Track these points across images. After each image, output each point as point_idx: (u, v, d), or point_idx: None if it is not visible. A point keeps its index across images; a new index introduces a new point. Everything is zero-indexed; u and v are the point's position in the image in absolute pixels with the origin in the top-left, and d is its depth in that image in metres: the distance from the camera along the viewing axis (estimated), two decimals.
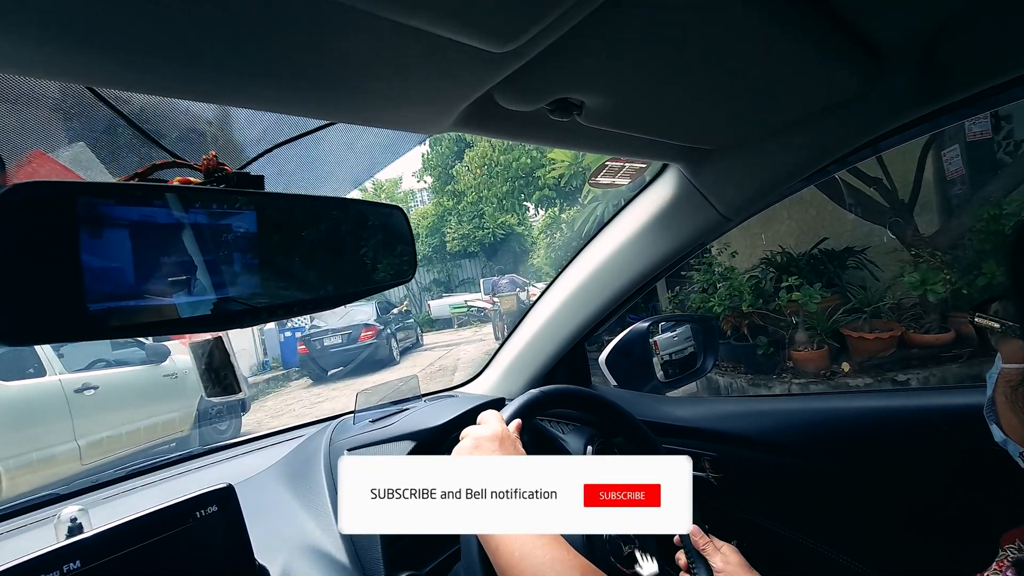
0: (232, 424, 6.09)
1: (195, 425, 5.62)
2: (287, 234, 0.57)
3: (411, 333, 12.49)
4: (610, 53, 0.56)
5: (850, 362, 4.15)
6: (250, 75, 0.44)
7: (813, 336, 4.32)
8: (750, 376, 4.58)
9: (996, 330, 0.57)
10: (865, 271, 4.74)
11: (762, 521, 1.19)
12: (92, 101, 0.49)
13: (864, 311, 4.24)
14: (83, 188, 0.40)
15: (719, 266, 5.05)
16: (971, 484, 0.93)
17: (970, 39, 0.69)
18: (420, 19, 0.39)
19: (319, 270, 0.60)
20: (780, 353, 4.48)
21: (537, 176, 12.05)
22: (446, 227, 16.49)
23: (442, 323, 15.10)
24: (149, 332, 0.45)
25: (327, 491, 0.95)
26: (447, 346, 11.71)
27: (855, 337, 4.19)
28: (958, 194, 4.67)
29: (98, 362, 5.03)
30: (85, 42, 0.37)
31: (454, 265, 17.58)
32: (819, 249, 4.95)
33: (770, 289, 4.65)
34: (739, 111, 0.78)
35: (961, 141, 4.56)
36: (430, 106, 0.57)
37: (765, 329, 4.58)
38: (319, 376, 10.04)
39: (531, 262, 15.25)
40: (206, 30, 0.38)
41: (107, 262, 0.41)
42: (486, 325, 13.02)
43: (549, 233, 12.59)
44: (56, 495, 1.01)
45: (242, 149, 0.59)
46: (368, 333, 10.12)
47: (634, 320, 1.56)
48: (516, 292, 10.69)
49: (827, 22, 0.61)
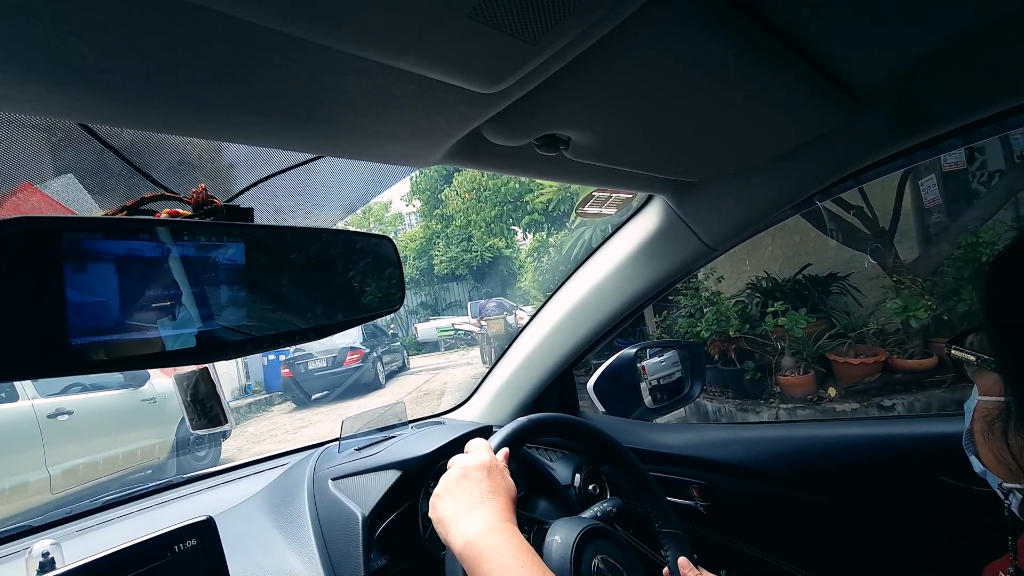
0: (212, 451, 5.92)
1: (173, 452, 5.42)
2: (275, 266, 0.57)
3: (397, 356, 12.27)
4: (595, 93, 0.57)
5: (836, 387, 4.19)
6: (238, 112, 0.45)
7: (799, 361, 4.35)
8: (738, 401, 4.58)
9: (972, 363, 0.58)
10: (848, 297, 4.81)
11: (751, 550, 1.18)
12: (82, 133, 0.49)
13: (849, 336, 4.29)
14: (68, 223, 0.40)
15: (706, 291, 5.09)
16: (954, 514, 0.93)
17: (943, 80, 0.72)
18: (408, 62, 0.40)
19: (307, 301, 0.60)
20: (767, 378, 4.49)
21: (526, 201, 12.04)
22: (434, 250, 16.48)
23: (429, 346, 14.96)
24: (133, 366, 0.44)
25: (310, 523, 0.93)
26: (434, 370, 11.58)
27: (840, 362, 4.22)
28: (935, 222, 4.80)
29: (74, 386, 4.84)
30: (74, 80, 0.37)
31: (441, 288, 17.53)
32: (803, 275, 5.03)
33: (756, 314, 4.69)
34: (721, 147, 0.81)
35: (937, 171, 4.72)
36: (419, 141, 0.58)
37: (752, 354, 4.60)
38: (303, 401, 9.81)
39: (519, 285, 15.19)
40: (194, 69, 0.39)
41: (91, 296, 0.41)
42: (473, 348, 12.90)
43: (537, 257, 12.60)
44: (28, 527, 0.97)
45: (233, 180, 0.59)
46: (354, 356, 9.94)
47: (622, 344, 1.57)
48: (504, 315, 10.63)
49: (804, 64, 0.63)
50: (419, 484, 1.05)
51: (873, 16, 0.56)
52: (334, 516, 0.94)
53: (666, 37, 0.50)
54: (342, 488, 1.00)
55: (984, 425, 0.55)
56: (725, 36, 0.52)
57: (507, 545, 0.62)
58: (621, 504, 1.08)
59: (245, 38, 0.37)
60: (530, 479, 1.24)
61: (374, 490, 0.98)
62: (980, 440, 0.56)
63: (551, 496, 1.23)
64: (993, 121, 0.77)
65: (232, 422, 1.61)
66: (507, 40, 0.41)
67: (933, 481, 0.93)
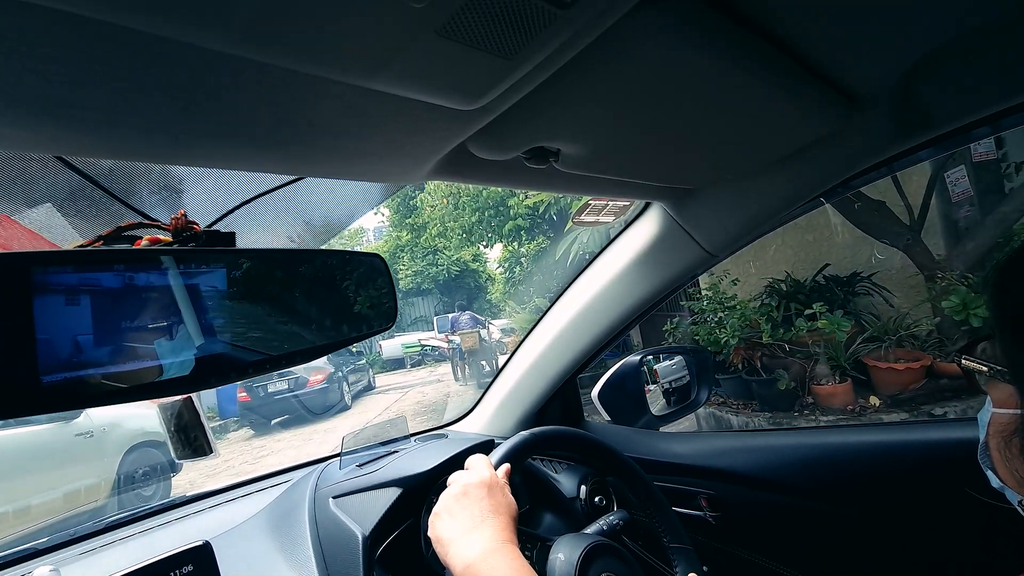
0: (160, 487, 5.23)
1: (115, 491, 4.74)
2: (258, 290, 0.56)
3: (363, 375, 11.49)
4: (582, 104, 0.56)
5: (878, 396, 3.83)
6: (210, 137, 0.44)
7: (835, 368, 3.96)
8: (768, 414, 4.22)
9: (984, 373, 0.56)
10: (873, 297, 4.50)
11: (763, 561, 1.15)
12: (58, 163, 0.49)
13: (885, 339, 3.95)
14: (38, 257, 0.39)
15: (722, 295, 4.79)
16: (977, 525, 0.90)
17: (942, 80, 0.70)
18: (380, 83, 0.39)
19: (290, 324, 0.58)
20: (800, 388, 4.12)
21: (509, 206, 11.20)
22: (398, 264, 16.07)
23: (394, 363, 14.41)
24: (108, 401, 0.43)
25: (311, 543, 0.92)
26: (402, 388, 11.06)
27: (883, 368, 3.81)
28: (966, 216, 4.42)
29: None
30: (39, 115, 0.37)
31: (406, 303, 17.02)
32: (823, 275, 4.75)
33: (778, 318, 4.36)
34: (716, 154, 0.79)
35: (967, 162, 4.36)
36: (402, 159, 0.57)
37: (779, 362, 4.21)
38: (262, 426, 9.02)
39: (489, 299, 14.71)
40: (161, 97, 0.38)
41: (63, 332, 0.40)
42: (441, 364, 12.36)
43: (518, 266, 11.77)
44: (32, 550, 0.98)
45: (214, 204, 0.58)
46: (318, 377, 9.15)
47: (610, 358, 1.55)
48: (478, 329, 9.98)
49: (797, 67, 0.61)
50: (421, 501, 1.04)
51: (867, 20, 0.55)
52: (335, 536, 0.93)
53: (651, 46, 0.48)
54: (343, 507, 0.99)
55: (1000, 441, 0.52)
56: (712, 43, 0.50)
57: (507, 568, 0.61)
58: (628, 516, 1.05)
59: (208, 64, 0.36)
60: (534, 492, 1.22)
61: (375, 508, 0.97)
62: (997, 457, 0.54)
63: (556, 509, 1.21)
64: (994, 120, 0.74)
65: (217, 450, 1.51)
66: (482, 56, 0.39)
67: (957, 493, 0.90)
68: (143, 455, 5.12)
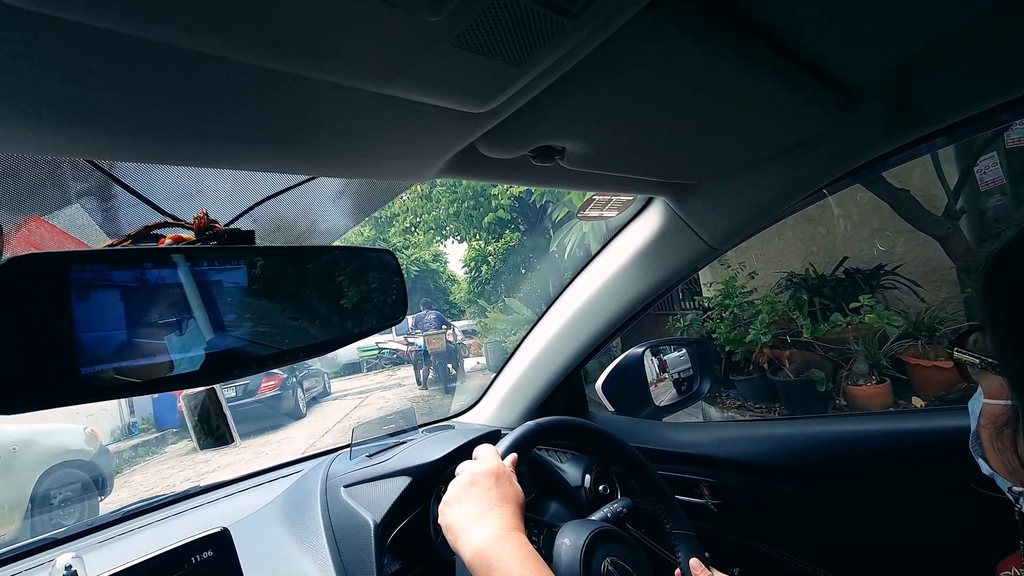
0: (87, 506, 4.48)
1: (26, 516, 4.05)
2: (277, 285, 0.58)
3: (318, 381, 10.79)
4: (586, 105, 0.58)
5: (920, 396, 3.57)
6: (233, 141, 0.46)
7: (872, 368, 3.67)
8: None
9: (976, 365, 0.57)
10: (897, 291, 4.26)
11: (763, 548, 1.18)
12: (86, 165, 0.51)
13: (918, 336, 3.66)
14: (75, 257, 0.42)
15: (740, 288, 4.51)
16: (972, 511, 0.92)
17: (936, 75, 0.71)
18: (395, 90, 0.41)
19: (309, 317, 0.61)
20: (833, 389, 3.82)
21: (492, 195, 10.35)
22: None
23: (349, 368, 13.68)
24: (140, 391, 0.46)
25: (324, 530, 0.95)
26: (361, 393, 10.46)
27: (926, 367, 3.50)
28: (997, 205, 4.26)
29: None
30: (74, 121, 0.39)
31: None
32: (844, 268, 4.50)
33: (816, 312, 4.10)
34: (716, 149, 0.81)
35: (1000, 148, 4.14)
36: (413, 159, 0.59)
37: (814, 360, 3.91)
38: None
39: (450, 299, 14.09)
40: (189, 106, 0.40)
41: (99, 325, 0.43)
42: (400, 368, 11.74)
43: (474, 267, 10.99)
44: (52, 539, 1.01)
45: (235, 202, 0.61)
46: (270, 383, 8.40)
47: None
48: (444, 330, 9.29)
49: (792, 64, 0.63)
50: (430, 489, 1.06)
51: (861, 16, 0.56)
52: (347, 523, 0.96)
53: (653, 49, 0.50)
54: (354, 495, 1.01)
55: (992, 432, 0.53)
56: (711, 44, 0.52)
57: (515, 555, 0.63)
58: (631, 504, 1.08)
59: (235, 75, 0.38)
60: (540, 481, 1.25)
61: (385, 497, 1.00)
62: (988, 446, 0.55)
63: (561, 497, 1.24)
64: (989, 116, 0.76)
65: (238, 440, 1.38)
66: (493, 63, 0.41)
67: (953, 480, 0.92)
68: (63, 476, 4.44)
